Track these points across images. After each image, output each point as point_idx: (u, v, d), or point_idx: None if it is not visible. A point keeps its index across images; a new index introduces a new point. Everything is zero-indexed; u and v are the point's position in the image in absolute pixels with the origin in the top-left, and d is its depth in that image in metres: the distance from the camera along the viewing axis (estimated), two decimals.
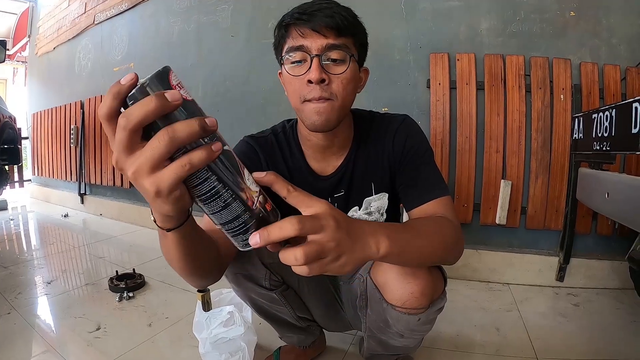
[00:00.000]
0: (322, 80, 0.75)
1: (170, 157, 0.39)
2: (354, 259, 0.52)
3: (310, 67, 0.75)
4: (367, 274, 0.85)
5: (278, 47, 0.84)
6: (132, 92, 0.37)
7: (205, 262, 0.68)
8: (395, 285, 0.77)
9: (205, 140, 0.40)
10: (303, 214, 0.49)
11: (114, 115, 0.38)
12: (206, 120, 0.38)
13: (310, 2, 0.79)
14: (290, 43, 0.78)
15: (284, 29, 0.80)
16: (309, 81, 0.76)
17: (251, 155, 0.92)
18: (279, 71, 0.87)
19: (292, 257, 0.46)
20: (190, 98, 0.39)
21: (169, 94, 0.36)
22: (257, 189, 0.46)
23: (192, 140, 0.38)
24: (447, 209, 0.80)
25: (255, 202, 0.45)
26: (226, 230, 0.46)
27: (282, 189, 0.49)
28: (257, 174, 0.47)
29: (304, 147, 0.92)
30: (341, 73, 0.77)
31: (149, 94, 0.37)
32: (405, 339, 0.86)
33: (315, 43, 0.75)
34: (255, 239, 0.44)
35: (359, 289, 0.90)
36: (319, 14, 0.75)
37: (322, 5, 0.77)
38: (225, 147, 0.42)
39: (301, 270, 0.47)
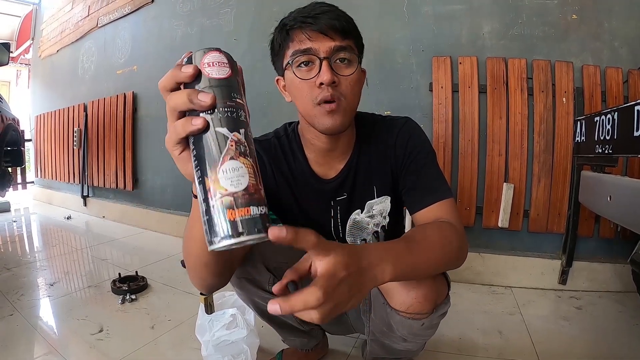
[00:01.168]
0: (333, 82, 0.75)
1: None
2: (362, 296, 0.53)
3: (320, 70, 0.75)
4: None
5: (279, 52, 0.83)
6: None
7: (222, 256, 0.69)
8: (399, 290, 0.77)
9: (210, 112, 0.44)
10: (316, 261, 0.49)
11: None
12: (199, 95, 0.43)
13: (310, 7, 0.78)
14: (295, 47, 0.77)
15: (285, 32, 0.79)
16: (320, 83, 0.76)
17: None
18: (277, 78, 0.87)
19: (308, 317, 0.47)
20: (219, 76, 0.45)
21: (183, 68, 0.44)
22: (229, 189, 0.42)
23: (185, 107, 0.44)
24: (450, 212, 0.80)
25: (215, 199, 0.42)
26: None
27: (306, 243, 0.46)
28: (274, 234, 0.43)
29: (306, 150, 0.93)
30: (350, 74, 0.78)
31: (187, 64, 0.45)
32: (408, 343, 0.86)
33: (323, 45, 0.75)
34: (275, 308, 0.44)
35: None
36: (323, 16, 0.75)
37: (324, 8, 0.77)
38: (220, 130, 0.43)
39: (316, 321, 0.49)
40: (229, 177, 0.42)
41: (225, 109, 0.44)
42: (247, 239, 0.42)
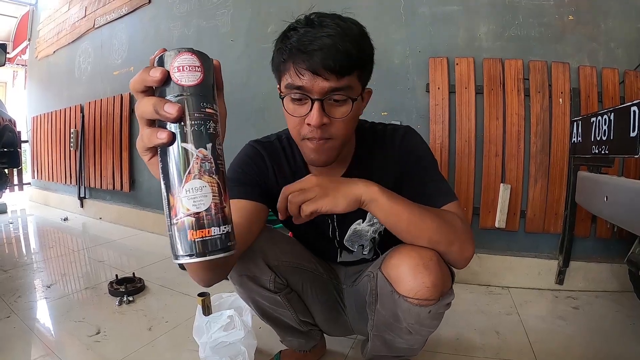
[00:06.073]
0: (323, 124, 0.74)
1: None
2: (343, 194, 0.67)
3: (310, 110, 0.73)
4: (377, 270, 0.85)
5: (276, 70, 0.80)
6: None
7: None
8: (408, 276, 0.77)
9: (179, 124, 0.42)
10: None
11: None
12: (165, 106, 0.41)
13: (312, 34, 0.71)
14: (289, 79, 0.75)
15: (282, 57, 0.75)
16: (308, 123, 0.75)
17: (258, 160, 0.94)
18: (278, 86, 0.85)
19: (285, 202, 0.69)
20: (188, 83, 0.42)
21: (152, 71, 0.42)
22: (191, 209, 0.42)
23: (151, 117, 0.43)
24: (457, 213, 0.82)
25: (177, 218, 0.42)
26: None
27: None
28: None
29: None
30: (342, 117, 0.76)
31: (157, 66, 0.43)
32: (412, 337, 0.85)
33: (316, 86, 0.72)
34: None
35: (369, 285, 0.89)
36: (319, 53, 0.70)
37: (324, 41, 0.70)
38: (185, 146, 0.42)
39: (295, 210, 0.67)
40: (192, 196, 0.42)
41: (193, 122, 0.42)
42: (206, 259, 0.43)
